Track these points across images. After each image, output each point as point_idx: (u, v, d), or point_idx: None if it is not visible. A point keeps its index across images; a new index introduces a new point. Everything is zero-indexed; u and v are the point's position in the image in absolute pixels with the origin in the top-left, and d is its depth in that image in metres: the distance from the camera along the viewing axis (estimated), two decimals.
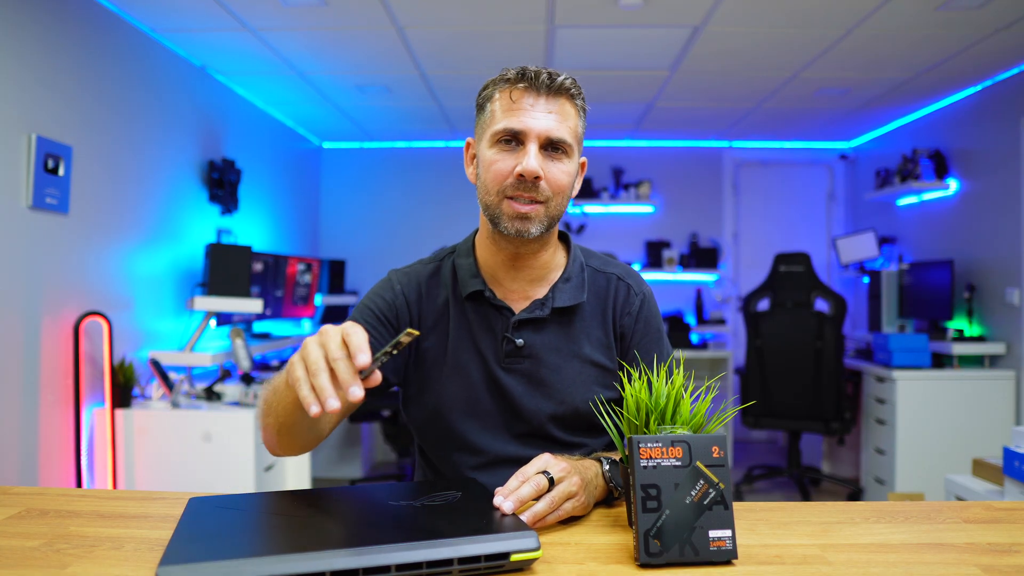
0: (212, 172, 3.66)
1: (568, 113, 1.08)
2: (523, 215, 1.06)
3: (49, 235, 2.53)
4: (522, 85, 1.06)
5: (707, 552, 0.76)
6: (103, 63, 2.82)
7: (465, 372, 1.13)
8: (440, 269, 1.20)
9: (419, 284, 1.18)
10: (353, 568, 0.69)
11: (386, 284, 1.20)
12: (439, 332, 1.16)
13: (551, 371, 1.13)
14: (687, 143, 5.47)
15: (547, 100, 1.06)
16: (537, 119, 1.05)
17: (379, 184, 5.55)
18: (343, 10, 2.91)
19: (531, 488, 0.85)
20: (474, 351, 1.14)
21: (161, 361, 3.00)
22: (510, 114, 1.06)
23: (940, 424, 3.68)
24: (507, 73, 1.08)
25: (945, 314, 3.91)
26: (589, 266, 1.20)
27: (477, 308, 1.15)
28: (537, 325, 1.14)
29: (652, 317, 1.20)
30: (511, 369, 1.13)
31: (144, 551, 0.79)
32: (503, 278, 1.16)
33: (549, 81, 1.06)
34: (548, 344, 1.14)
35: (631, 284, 1.20)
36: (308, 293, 4.51)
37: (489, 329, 1.14)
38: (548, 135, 1.05)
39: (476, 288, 1.14)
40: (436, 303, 1.17)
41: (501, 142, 1.07)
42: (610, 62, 3.55)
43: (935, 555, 0.81)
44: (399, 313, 1.16)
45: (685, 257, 5.30)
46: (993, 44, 3.24)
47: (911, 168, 4.28)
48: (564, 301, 1.14)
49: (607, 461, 0.98)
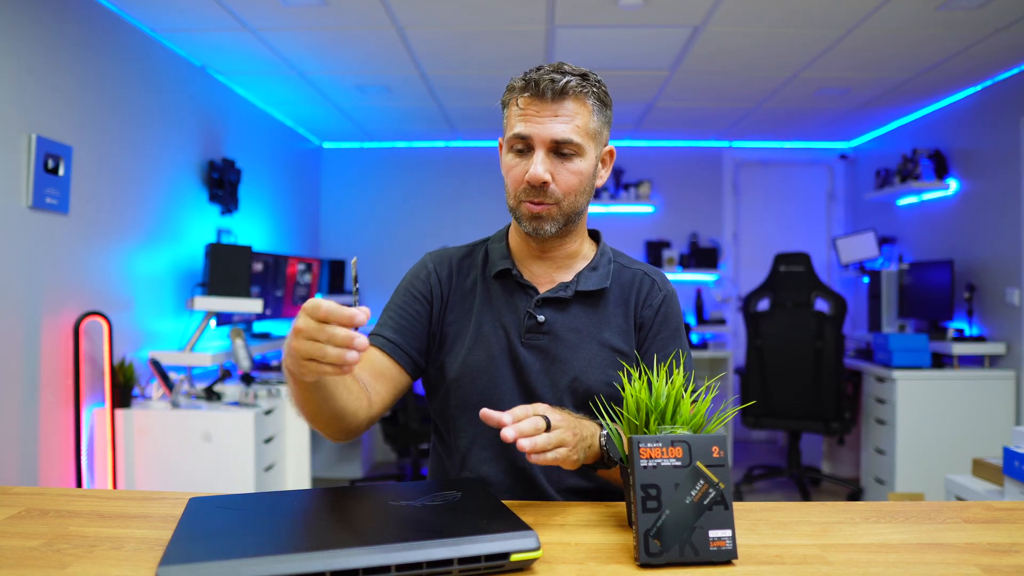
0: (212, 172, 3.66)
1: (576, 112, 1.10)
2: (536, 215, 1.12)
3: (49, 235, 2.53)
4: (527, 94, 1.10)
5: (707, 552, 0.76)
6: (103, 63, 2.82)
7: (487, 344, 1.18)
8: (473, 252, 1.28)
9: (451, 264, 1.26)
10: (353, 568, 0.69)
11: (420, 265, 1.27)
12: (465, 308, 1.22)
13: (568, 349, 1.17)
14: (687, 143, 5.47)
15: (552, 104, 1.09)
16: (542, 125, 1.09)
17: (379, 184, 5.55)
18: (343, 10, 2.91)
19: (531, 425, 0.88)
20: (497, 324, 1.19)
21: (161, 361, 3.00)
22: (519, 121, 1.11)
23: (940, 424, 3.68)
24: (515, 81, 1.13)
25: (945, 314, 3.91)
26: (616, 262, 1.25)
27: (504, 285, 1.21)
28: (560, 305, 1.19)
29: (672, 314, 1.23)
30: (530, 345, 1.17)
31: (144, 551, 0.79)
32: (531, 264, 1.22)
33: (552, 85, 1.08)
34: (569, 324, 1.18)
35: (656, 280, 1.24)
36: (308, 293, 4.51)
37: (513, 305, 1.19)
38: (553, 138, 1.09)
39: (504, 267, 1.20)
40: (465, 281, 1.24)
41: (514, 149, 1.13)
42: (610, 62, 3.55)
43: (935, 555, 0.81)
44: (432, 289, 1.23)
45: (685, 257, 5.30)
46: (993, 44, 3.24)
47: (911, 168, 4.28)
48: (588, 285, 1.19)
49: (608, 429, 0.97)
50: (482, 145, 5.46)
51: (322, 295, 5.01)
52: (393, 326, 1.20)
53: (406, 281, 1.26)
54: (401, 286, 1.26)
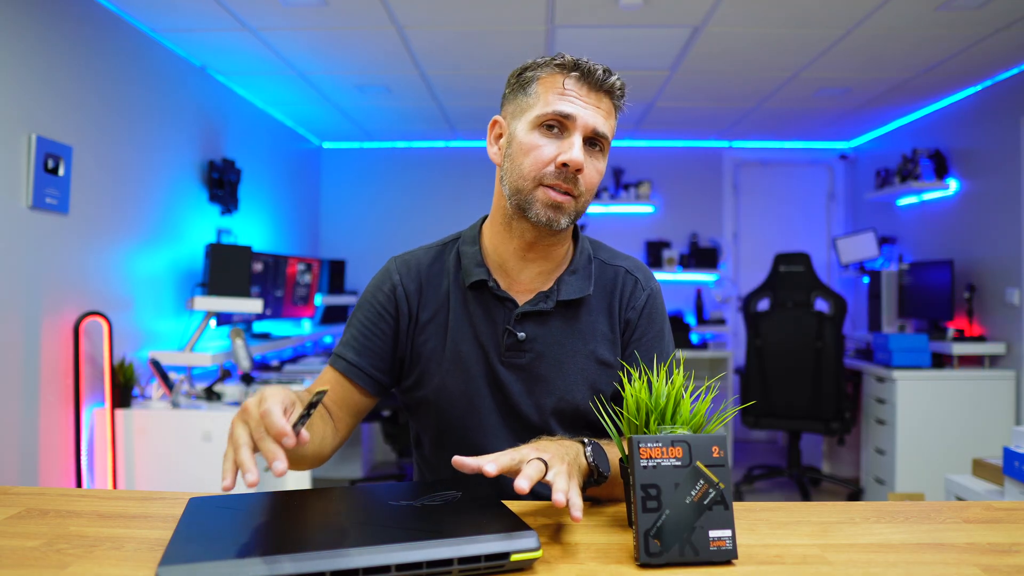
0: (212, 172, 3.66)
1: (611, 113, 1.08)
2: (557, 204, 1.04)
3: (49, 235, 2.53)
4: (575, 74, 1.04)
5: (707, 552, 0.76)
6: (103, 63, 2.82)
7: (465, 365, 1.11)
8: (443, 255, 1.17)
9: (419, 272, 1.16)
10: (353, 568, 0.69)
11: (385, 276, 1.17)
12: (438, 323, 1.13)
13: (552, 367, 1.11)
14: (687, 143, 5.47)
15: (596, 95, 1.05)
16: (587, 111, 1.03)
17: (379, 184, 5.55)
18: (343, 10, 2.91)
19: (535, 470, 0.82)
20: (475, 343, 1.11)
21: (161, 361, 3.00)
22: (562, 99, 1.03)
23: (940, 424, 3.68)
24: (560, 59, 1.05)
25: (945, 314, 3.91)
26: (597, 258, 1.18)
27: (480, 298, 1.12)
28: (541, 318, 1.11)
29: (656, 314, 1.17)
30: (511, 364, 1.10)
31: (144, 551, 0.79)
32: (511, 268, 1.13)
33: (603, 77, 1.05)
34: (552, 338, 1.11)
35: (639, 278, 1.18)
36: (308, 293, 4.51)
37: (491, 321, 1.11)
38: (595, 128, 1.04)
39: (480, 277, 1.11)
40: (437, 292, 1.15)
41: (544, 127, 1.04)
42: (610, 62, 3.50)
43: (935, 555, 0.80)
44: (398, 305, 1.14)
45: (685, 257, 5.30)
46: (993, 44, 3.24)
47: (911, 168, 4.28)
48: (570, 294, 1.11)
49: (590, 443, 0.94)
50: (482, 145, 5.46)
51: (322, 295, 5.01)
52: (356, 347, 1.14)
53: (369, 293, 1.17)
54: (365, 298, 1.17)
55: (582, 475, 0.91)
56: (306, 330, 4.90)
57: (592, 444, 0.94)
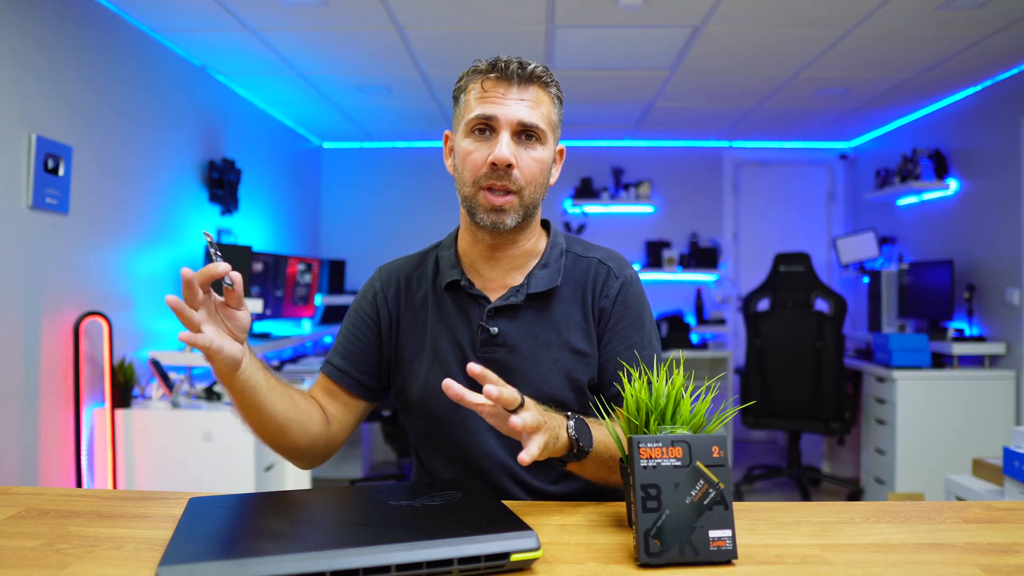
0: (212, 172, 3.66)
1: (541, 100, 1.09)
2: (498, 207, 1.07)
3: (49, 235, 2.53)
4: (493, 75, 1.08)
5: (707, 552, 0.76)
6: (103, 63, 2.82)
7: (444, 364, 1.14)
8: (424, 261, 1.23)
9: (399, 280, 1.22)
10: (353, 568, 0.69)
11: (368, 285, 1.24)
12: (418, 325, 1.18)
13: (526, 359, 1.13)
14: (687, 143, 5.47)
15: (519, 88, 1.07)
16: (509, 106, 1.06)
17: (379, 184, 5.55)
18: (343, 10, 2.91)
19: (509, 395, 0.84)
20: (452, 341, 1.15)
21: (161, 361, 3.00)
22: (482, 103, 1.07)
23: (940, 424, 3.68)
24: (479, 64, 1.10)
25: (945, 314, 3.91)
26: (571, 251, 1.20)
27: (455, 298, 1.16)
28: (512, 312, 1.14)
29: (632, 301, 1.17)
30: (486, 359, 1.12)
31: (144, 551, 0.79)
32: (482, 268, 1.17)
33: (520, 70, 1.07)
34: (524, 331, 1.14)
35: (611, 267, 1.18)
36: (308, 293, 4.51)
37: (466, 319, 1.15)
38: (520, 121, 1.06)
39: (453, 278, 1.15)
40: (416, 296, 1.20)
41: (475, 131, 1.08)
42: (610, 62, 3.55)
43: (935, 555, 0.81)
44: (379, 311, 1.20)
45: (685, 257, 5.30)
46: (993, 44, 3.24)
47: (911, 168, 4.28)
48: (539, 287, 1.14)
49: (575, 418, 0.94)
50: None
51: (322, 295, 5.01)
52: (342, 352, 1.20)
53: (355, 302, 1.24)
54: (352, 307, 1.24)
55: (561, 448, 0.91)
56: (306, 330, 4.90)
57: (575, 418, 0.94)
